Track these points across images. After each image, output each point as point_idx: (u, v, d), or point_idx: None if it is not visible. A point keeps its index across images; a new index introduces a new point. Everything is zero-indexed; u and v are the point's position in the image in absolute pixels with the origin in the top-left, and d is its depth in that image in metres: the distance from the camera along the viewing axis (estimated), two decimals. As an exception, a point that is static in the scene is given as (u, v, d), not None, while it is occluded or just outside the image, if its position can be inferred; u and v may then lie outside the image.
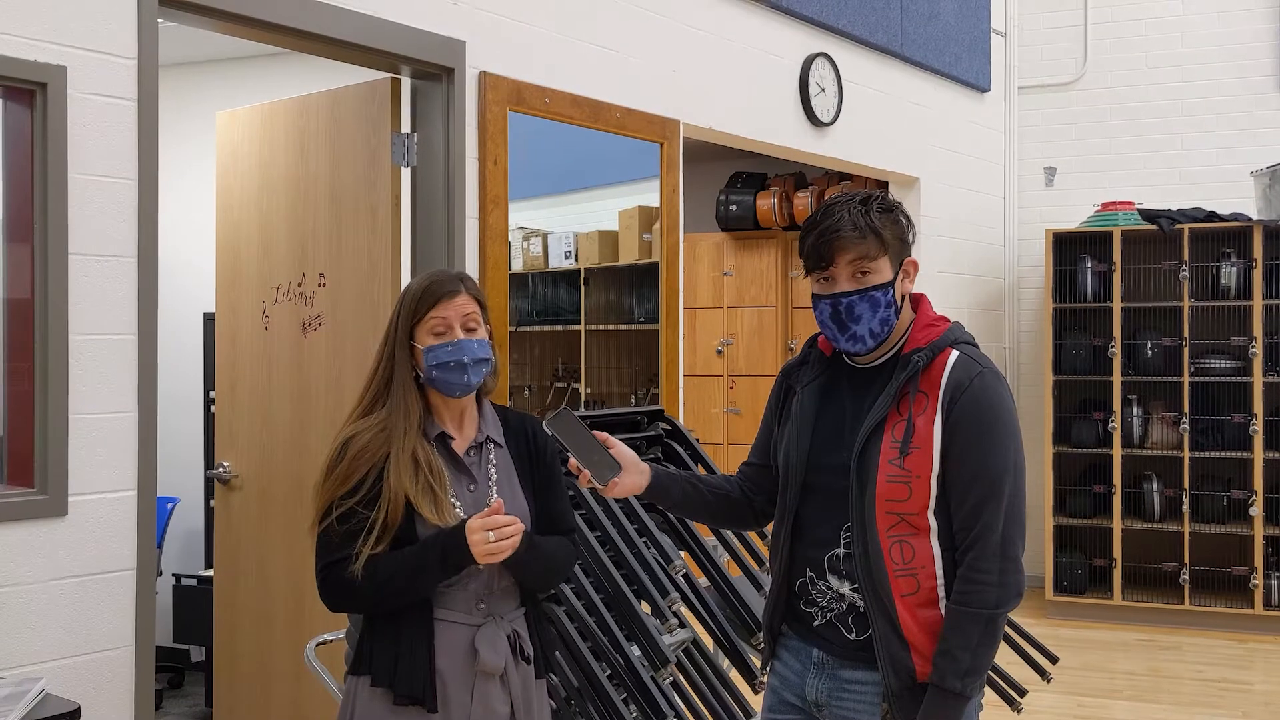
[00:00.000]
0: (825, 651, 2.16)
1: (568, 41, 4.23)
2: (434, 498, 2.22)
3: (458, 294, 2.29)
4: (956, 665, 2.00)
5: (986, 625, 2.01)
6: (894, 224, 2.11)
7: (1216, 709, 5.05)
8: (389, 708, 2.21)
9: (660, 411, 3.78)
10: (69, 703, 2.54)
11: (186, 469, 5.46)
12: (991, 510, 2.02)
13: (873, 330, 2.09)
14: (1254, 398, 6.27)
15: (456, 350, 2.26)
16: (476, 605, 2.26)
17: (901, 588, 2.05)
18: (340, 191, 3.85)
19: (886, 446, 2.06)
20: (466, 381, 2.28)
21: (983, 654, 2.01)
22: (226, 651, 4.21)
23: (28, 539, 2.77)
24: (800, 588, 2.19)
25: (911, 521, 2.06)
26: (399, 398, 2.27)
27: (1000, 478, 2.03)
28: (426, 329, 2.27)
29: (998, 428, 2.04)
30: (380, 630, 2.24)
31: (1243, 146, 7.01)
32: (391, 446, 2.23)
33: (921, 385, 2.08)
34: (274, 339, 4.06)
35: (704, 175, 7.52)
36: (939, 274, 6.77)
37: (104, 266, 2.90)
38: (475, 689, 2.24)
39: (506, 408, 2.47)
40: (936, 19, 6.54)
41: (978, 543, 2.02)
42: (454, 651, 2.23)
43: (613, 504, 3.15)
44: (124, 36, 2.94)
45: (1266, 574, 6.27)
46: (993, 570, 2.01)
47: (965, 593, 2.02)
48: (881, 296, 2.08)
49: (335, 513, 2.22)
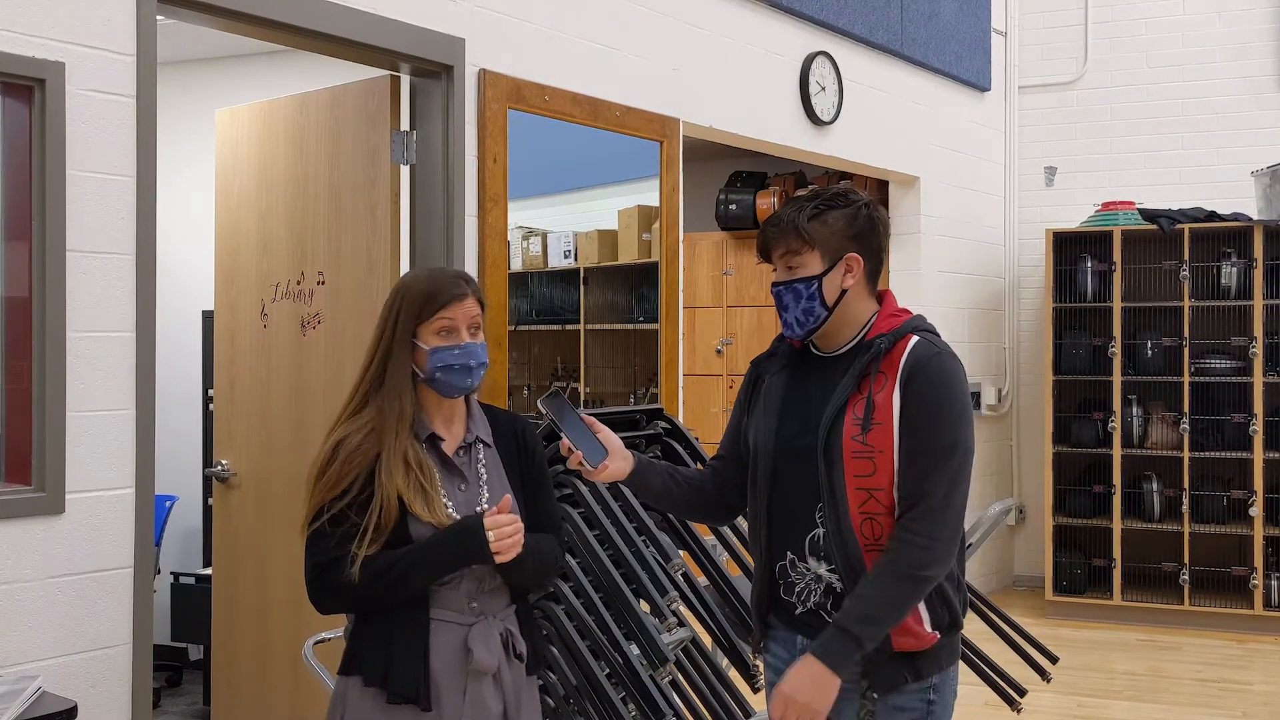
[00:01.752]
0: (809, 638, 2.23)
1: (567, 39, 4.23)
2: (426, 496, 2.21)
3: (466, 297, 2.28)
4: (863, 611, 2.09)
5: (903, 583, 2.10)
6: (827, 222, 2.21)
7: (1216, 709, 5.05)
8: (381, 707, 2.20)
9: (660, 410, 3.78)
10: (65, 701, 2.53)
11: (185, 467, 5.46)
12: (934, 480, 2.11)
13: (797, 318, 2.23)
14: (1254, 398, 6.27)
15: (464, 354, 2.26)
16: (469, 604, 2.26)
17: (873, 562, 2.14)
18: (339, 189, 3.84)
19: (849, 423, 2.16)
20: (469, 384, 2.28)
21: (891, 610, 2.10)
22: (224, 650, 4.21)
23: (25, 536, 2.76)
24: (781, 571, 2.28)
25: (879, 498, 2.15)
26: (393, 397, 2.25)
27: (948, 450, 2.13)
28: (432, 329, 2.26)
29: (951, 404, 2.14)
30: (372, 630, 2.23)
31: (1243, 146, 7.00)
32: (382, 447, 2.22)
33: (882, 367, 2.18)
34: (273, 337, 4.05)
35: (704, 174, 7.52)
36: (939, 273, 6.76)
37: (102, 264, 2.90)
38: (468, 688, 2.23)
39: (495, 407, 2.46)
40: (937, 18, 6.53)
41: (915, 506, 2.11)
42: (447, 651, 2.22)
43: (611, 502, 3.14)
44: (123, 33, 2.94)
45: (1266, 574, 6.26)
46: (923, 534, 2.10)
47: (894, 550, 2.11)
48: (804, 289, 2.21)
49: (326, 515, 2.22)
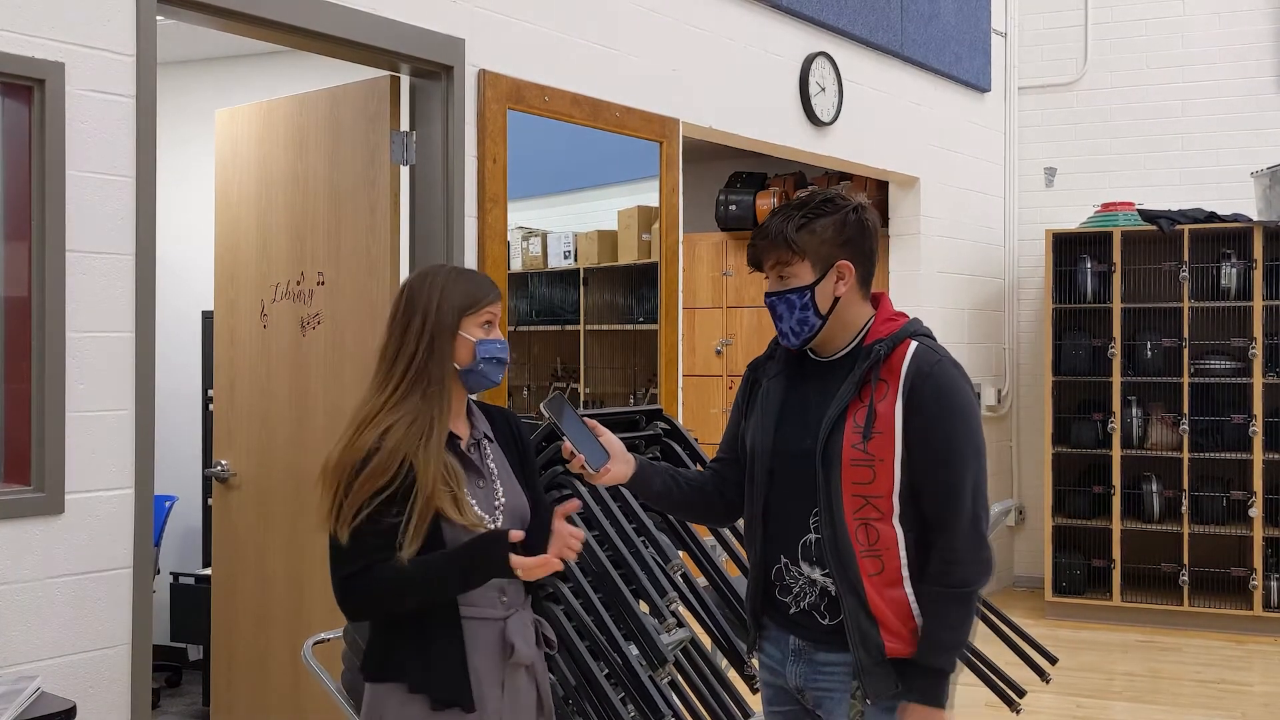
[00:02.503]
0: (801, 638, 2.26)
1: (567, 40, 4.23)
2: (454, 497, 2.17)
3: (499, 298, 2.31)
4: (938, 643, 2.13)
5: (963, 603, 2.14)
6: (816, 231, 2.21)
7: (1215, 710, 5.05)
8: (426, 713, 2.15)
9: (659, 411, 3.77)
10: (64, 701, 2.53)
11: (184, 467, 5.46)
12: (959, 493, 2.14)
13: (792, 328, 2.25)
14: (1254, 399, 6.27)
15: (504, 348, 2.28)
16: (500, 598, 2.25)
17: (868, 568, 2.16)
18: (339, 190, 3.84)
19: (849, 431, 2.16)
20: (498, 379, 2.29)
21: (961, 630, 2.15)
22: (224, 650, 4.21)
23: (24, 537, 2.76)
24: (776, 574, 2.29)
25: (876, 505, 2.16)
26: (436, 389, 2.19)
27: (966, 461, 2.15)
28: (478, 322, 2.25)
29: (959, 413, 2.15)
30: (406, 634, 2.18)
31: (1243, 147, 7.00)
32: (428, 439, 2.16)
33: (882, 374, 2.18)
34: (272, 337, 4.05)
35: (703, 175, 7.51)
36: (939, 274, 6.76)
37: (102, 264, 2.90)
38: (505, 682, 2.23)
39: (482, 403, 2.45)
40: (937, 19, 6.53)
41: (949, 525, 2.14)
42: (484, 647, 2.21)
43: (611, 503, 3.14)
44: (123, 33, 2.94)
45: (1266, 575, 6.26)
46: (965, 550, 2.13)
47: (942, 574, 2.14)
48: (797, 299, 2.22)
49: (366, 511, 2.11)
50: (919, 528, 2.17)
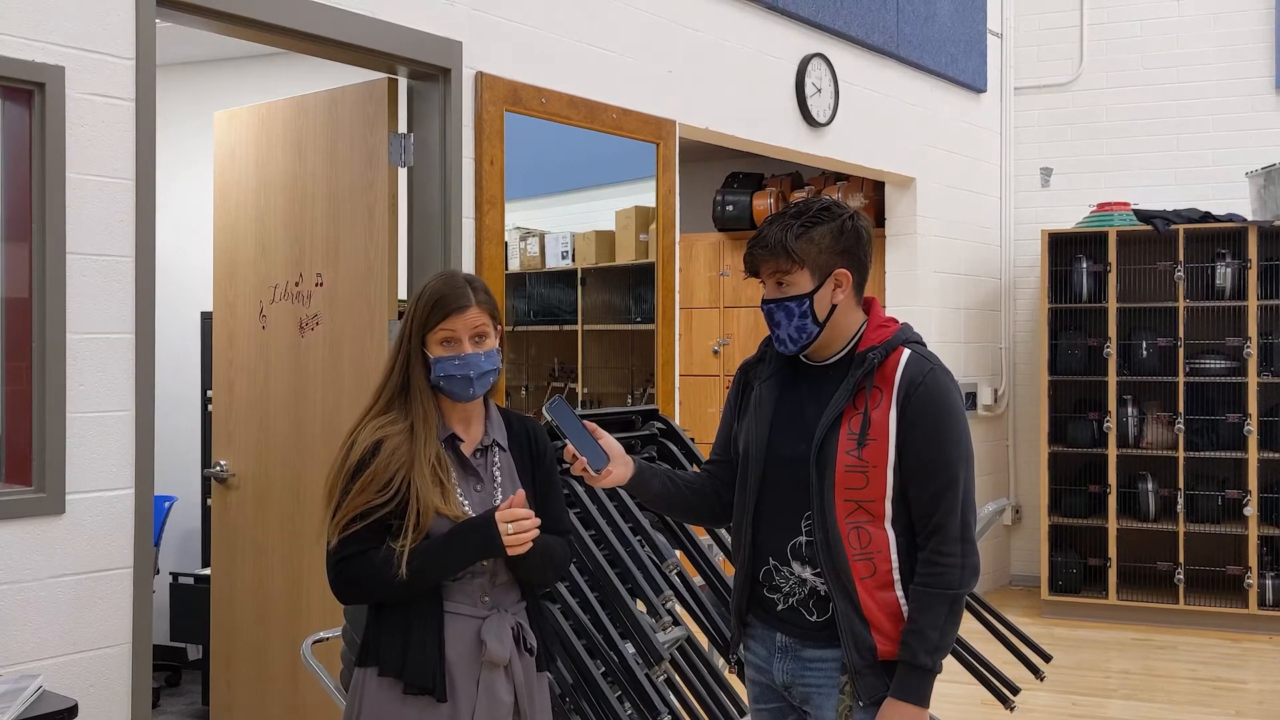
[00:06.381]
0: (788, 635, 2.29)
1: (564, 42, 4.25)
2: (443, 490, 2.27)
3: (467, 308, 2.31)
4: (926, 642, 2.16)
5: (951, 604, 2.18)
6: (814, 240, 2.23)
7: (1210, 708, 5.07)
8: (398, 697, 2.25)
9: (655, 411, 3.79)
10: (66, 700, 2.55)
11: (184, 468, 5.47)
12: (950, 498, 2.18)
13: (790, 335, 2.27)
14: (1249, 398, 6.29)
15: (463, 365, 2.31)
16: (481, 598, 2.32)
17: (860, 570, 2.19)
18: (337, 191, 3.86)
19: (844, 438, 2.20)
20: (472, 393, 2.33)
21: (949, 631, 2.18)
22: (223, 650, 4.22)
23: (25, 537, 2.78)
24: (764, 575, 2.32)
25: (869, 509, 2.20)
26: (417, 401, 2.32)
27: (956, 467, 2.19)
28: (436, 339, 2.32)
29: (951, 421, 2.20)
30: (389, 622, 2.28)
31: (1238, 147, 7.02)
32: (415, 451, 2.28)
33: (875, 381, 2.22)
34: (271, 339, 4.07)
35: (700, 175, 7.53)
36: (935, 274, 6.78)
37: (101, 266, 2.91)
38: (481, 679, 2.28)
39: (509, 410, 2.52)
40: (933, 20, 6.55)
41: (939, 529, 2.18)
42: (461, 642, 2.28)
43: (607, 502, 3.16)
44: (122, 37, 2.96)
45: (1261, 574, 6.28)
46: (955, 554, 2.17)
47: (931, 575, 2.18)
48: (795, 307, 2.24)
49: (362, 522, 2.24)
50: (909, 531, 2.21)
